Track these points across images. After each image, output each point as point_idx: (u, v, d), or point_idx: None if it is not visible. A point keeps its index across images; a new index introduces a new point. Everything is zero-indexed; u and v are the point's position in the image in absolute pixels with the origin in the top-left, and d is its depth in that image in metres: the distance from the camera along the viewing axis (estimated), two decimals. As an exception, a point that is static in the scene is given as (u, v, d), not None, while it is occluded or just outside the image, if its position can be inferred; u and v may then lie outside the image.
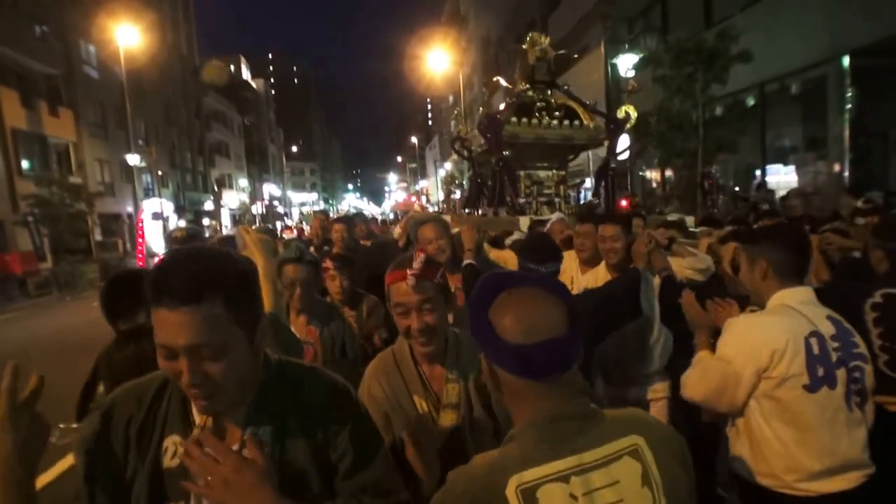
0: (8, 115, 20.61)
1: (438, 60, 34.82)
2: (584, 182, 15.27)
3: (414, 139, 77.17)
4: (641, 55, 11.38)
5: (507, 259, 3.74)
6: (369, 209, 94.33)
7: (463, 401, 1.63)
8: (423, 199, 51.41)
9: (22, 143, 21.80)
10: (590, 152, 13.77)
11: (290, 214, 58.97)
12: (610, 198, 5.11)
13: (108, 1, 25.60)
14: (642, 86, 7.60)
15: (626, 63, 11.78)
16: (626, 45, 12.01)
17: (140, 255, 10.34)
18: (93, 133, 27.51)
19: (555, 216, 4.03)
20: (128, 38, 24.42)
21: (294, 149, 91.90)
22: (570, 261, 3.40)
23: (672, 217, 4.89)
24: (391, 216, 29.81)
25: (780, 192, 10.92)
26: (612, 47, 12.79)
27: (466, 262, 2.92)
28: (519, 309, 1.00)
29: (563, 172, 5.12)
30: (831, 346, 1.77)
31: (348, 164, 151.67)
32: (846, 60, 9.88)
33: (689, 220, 4.66)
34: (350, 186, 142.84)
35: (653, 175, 16.64)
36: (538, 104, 4.98)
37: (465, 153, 5.46)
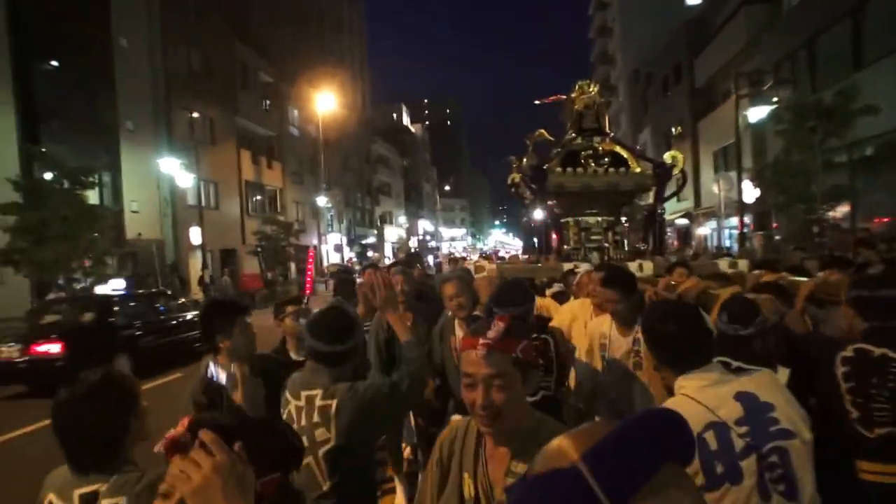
0: (244, 170, 27.25)
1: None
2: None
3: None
4: (772, 107, 12.41)
5: (548, 306, 3.81)
6: (514, 244, 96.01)
7: None
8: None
9: (250, 191, 28.25)
10: (721, 191, 14.88)
11: (441, 248, 63.33)
12: (657, 244, 5.20)
13: (310, 72, 32.11)
14: (767, 138, 8.51)
15: (756, 115, 12.91)
16: (755, 98, 13.14)
17: (308, 282, 13.11)
18: (293, 180, 34.00)
19: (583, 267, 3.90)
20: (324, 102, 30.22)
21: (446, 187, 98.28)
22: (583, 307, 3.40)
23: (724, 261, 4.68)
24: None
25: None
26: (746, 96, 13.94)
27: (474, 314, 2.81)
28: None
29: (611, 218, 5.04)
30: (736, 434, 1.59)
31: (495, 201, 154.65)
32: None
33: (743, 263, 4.51)
34: (496, 222, 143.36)
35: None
36: (584, 152, 4.89)
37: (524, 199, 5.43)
